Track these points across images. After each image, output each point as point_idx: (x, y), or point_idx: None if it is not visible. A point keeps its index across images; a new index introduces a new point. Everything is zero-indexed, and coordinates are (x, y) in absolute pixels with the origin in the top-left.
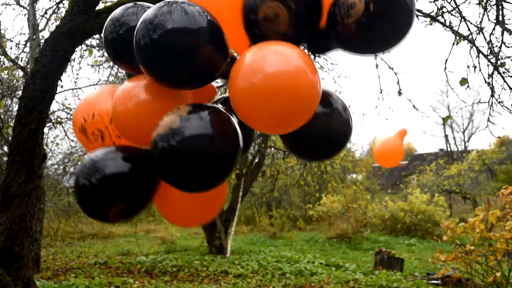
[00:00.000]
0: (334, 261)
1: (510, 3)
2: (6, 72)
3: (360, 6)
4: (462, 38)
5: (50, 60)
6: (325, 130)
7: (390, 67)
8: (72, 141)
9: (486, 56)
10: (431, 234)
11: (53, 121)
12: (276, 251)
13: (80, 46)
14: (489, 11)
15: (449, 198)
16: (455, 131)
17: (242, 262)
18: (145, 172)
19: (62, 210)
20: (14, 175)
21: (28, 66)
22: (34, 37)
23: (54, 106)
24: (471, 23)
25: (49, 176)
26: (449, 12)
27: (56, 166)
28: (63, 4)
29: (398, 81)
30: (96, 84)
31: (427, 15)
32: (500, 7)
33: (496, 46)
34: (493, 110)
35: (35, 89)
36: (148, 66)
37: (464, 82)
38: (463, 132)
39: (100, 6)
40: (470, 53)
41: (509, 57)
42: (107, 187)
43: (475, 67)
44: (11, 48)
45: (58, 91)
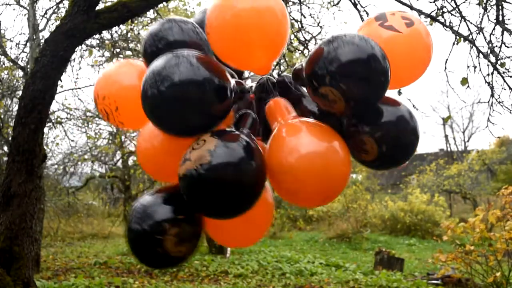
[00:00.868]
0: (334, 261)
1: (510, 3)
2: (6, 72)
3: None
4: (462, 38)
5: (50, 60)
6: (393, 139)
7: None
8: (72, 141)
9: (486, 56)
10: (431, 234)
11: (53, 121)
12: (276, 251)
13: (80, 46)
14: (489, 11)
15: (449, 198)
16: (455, 131)
17: (242, 262)
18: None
19: (62, 210)
20: (14, 175)
21: (28, 66)
22: (34, 37)
23: (54, 106)
24: (471, 23)
25: (49, 176)
26: (449, 12)
27: (56, 166)
28: (63, 4)
29: None
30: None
31: (428, 15)
32: (500, 7)
33: (496, 46)
34: (493, 110)
35: (35, 89)
36: (153, 115)
37: (464, 82)
38: (463, 132)
39: (100, 6)
40: (470, 53)
41: (509, 57)
42: (159, 231)
43: (475, 67)
44: (11, 48)
45: (58, 91)
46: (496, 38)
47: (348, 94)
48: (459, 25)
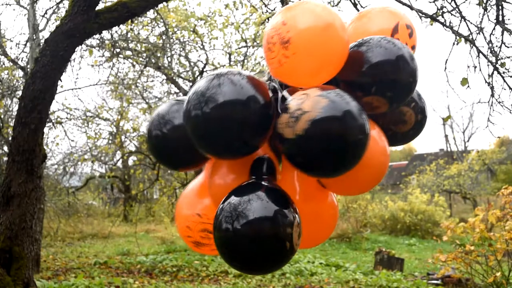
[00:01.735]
0: (334, 261)
1: (510, 3)
2: (6, 72)
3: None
4: (462, 38)
5: (50, 60)
6: (421, 109)
7: None
8: (72, 141)
9: (486, 56)
10: (431, 234)
11: (53, 121)
12: None
13: (80, 46)
14: (489, 11)
15: (449, 198)
16: (455, 131)
17: None
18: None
19: (62, 210)
20: (14, 175)
21: (28, 66)
22: (34, 37)
23: (54, 106)
24: (471, 23)
25: (49, 176)
26: (449, 12)
27: (56, 166)
28: (63, 4)
29: None
30: (96, 84)
31: (428, 16)
32: (500, 7)
33: (496, 46)
34: (493, 110)
35: (35, 89)
36: (197, 136)
37: (464, 82)
38: (463, 132)
39: (100, 6)
40: (470, 53)
41: (509, 57)
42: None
43: (475, 67)
44: (11, 48)
45: (58, 91)
46: (496, 38)
47: (394, 100)
48: (459, 25)
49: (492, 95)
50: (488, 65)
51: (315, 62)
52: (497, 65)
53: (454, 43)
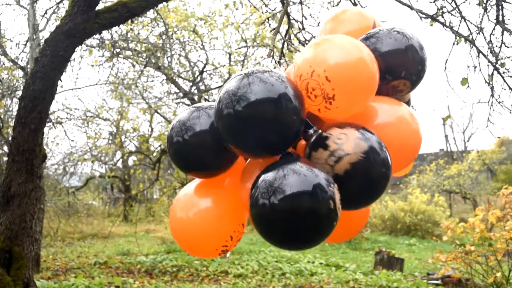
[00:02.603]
0: (334, 261)
1: (510, 3)
2: (6, 72)
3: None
4: (462, 38)
5: (50, 60)
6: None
7: None
8: (72, 141)
9: (486, 56)
10: (431, 234)
11: (53, 121)
12: (276, 251)
13: (80, 46)
14: (489, 11)
15: (449, 198)
16: (455, 131)
17: (242, 262)
18: None
19: (62, 210)
20: (14, 175)
21: (28, 66)
22: (34, 37)
23: (54, 106)
24: (471, 23)
25: (49, 176)
26: (449, 12)
27: (56, 166)
28: (63, 4)
29: None
30: (96, 84)
31: (428, 16)
32: (500, 7)
33: (496, 46)
34: (493, 110)
35: (35, 89)
36: (229, 135)
37: (464, 82)
38: (463, 132)
39: (100, 6)
40: (470, 53)
41: (509, 57)
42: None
43: (475, 67)
44: (11, 48)
45: (58, 91)
46: (496, 38)
47: (416, 84)
48: (459, 25)
49: (492, 95)
50: (488, 65)
51: (354, 111)
52: (497, 65)
53: (454, 43)
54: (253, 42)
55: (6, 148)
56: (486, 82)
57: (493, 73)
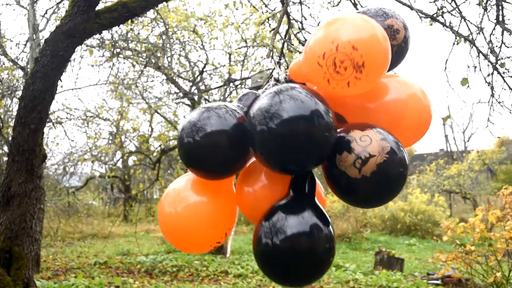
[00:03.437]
0: (334, 261)
1: (510, 3)
2: (6, 72)
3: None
4: (462, 38)
5: (50, 60)
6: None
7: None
8: (72, 141)
9: (486, 56)
10: (431, 234)
11: (53, 121)
12: None
13: (80, 46)
14: (489, 11)
15: (449, 198)
16: (455, 131)
17: (242, 262)
18: None
19: (62, 210)
20: (14, 175)
21: (28, 66)
22: (34, 37)
23: (54, 106)
24: (471, 23)
25: (49, 176)
26: (449, 12)
27: (56, 166)
28: (63, 4)
29: None
30: (96, 84)
31: (428, 16)
32: (500, 7)
33: (496, 46)
34: (493, 110)
35: (35, 89)
36: (263, 152)
37: (464, 82)
38: (463, 132)
39: (100, 6)
40: (470, 53)
41: (509, 57)
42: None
43: (475, 67)
44: (11, 48)
45: (58, 91)
46: (496, 38)
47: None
48: (459, 25)
49: (492, 95)
50: (488, 65)
51: (379, 77)
52: (497, 65)
53: (454, 43)
54: (253, 42)
55: (6, 148)
56: (486, 82)
57: (493, 73)
